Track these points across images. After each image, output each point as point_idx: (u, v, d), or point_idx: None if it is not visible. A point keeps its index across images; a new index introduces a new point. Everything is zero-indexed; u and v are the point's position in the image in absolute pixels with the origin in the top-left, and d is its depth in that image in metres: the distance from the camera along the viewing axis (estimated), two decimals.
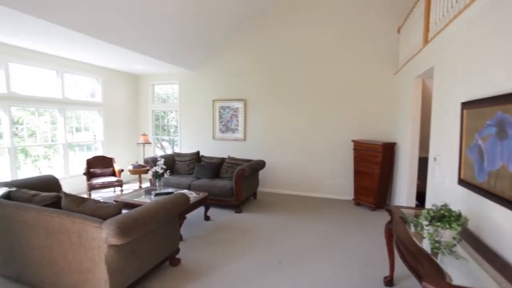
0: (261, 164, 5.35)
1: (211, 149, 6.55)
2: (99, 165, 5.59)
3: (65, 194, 2.38)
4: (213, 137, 6.63)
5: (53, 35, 4.07)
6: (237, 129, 6.44)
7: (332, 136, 5.68)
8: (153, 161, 5.24)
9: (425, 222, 1.82)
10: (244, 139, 6.35)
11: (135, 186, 6.25)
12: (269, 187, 6.21)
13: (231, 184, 4.69)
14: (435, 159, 2.91)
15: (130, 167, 5.94)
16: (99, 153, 6.36)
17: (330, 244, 3.57)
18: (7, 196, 2.61)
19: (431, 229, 1.77)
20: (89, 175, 5.30)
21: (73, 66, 5.68)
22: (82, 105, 6.03)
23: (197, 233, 3.83)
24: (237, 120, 6.42)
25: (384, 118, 5.32)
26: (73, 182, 5.62)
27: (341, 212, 4.83)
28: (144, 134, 6.31)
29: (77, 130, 6.16)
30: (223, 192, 4.68)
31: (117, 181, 5.28)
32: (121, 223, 1.97)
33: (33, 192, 2.65)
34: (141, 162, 6.26)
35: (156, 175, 4.08)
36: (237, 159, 5.37)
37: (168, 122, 7.76)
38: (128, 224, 2.02)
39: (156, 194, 3.90)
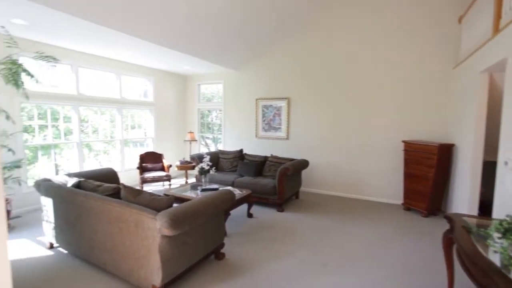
0: (304, 164, 5.27)
1: (254, 147, 6.63)
2: (150, 160, 5.99)
3: (124, 186, 2.60)
4: (256, 136, 6.70)
5: (116, 42, 4.47)
6: (279, 127, 6.42)
7: (379, 136, 5.37)
8: (199, 158, 5.47)
9: (497, 235, 1.62)
10: (287, 138, 6.31)
11: (182, 181, 6.58)
12: (312, 187, 6.09)
13: (274, 183, 4.69)
14: (506, 163, 2.59)
15: (178, 163, 6.28)
16: (150, 149, 6.83)
17: (378, 250, 3.38)
18: (78, 185, 2.93)
19: (505, 242, 1.58)
20: (142, 169, 5.71)
21: (130, 69, 6.17)
22: (136, 105, 6.52)
23: (241, 230, 3.90)
24: (280, 119, 6.40)
25: (439, 116, 4.88)
26: (127, 175, 6.11)
27: (389, 217, 4.55)
28: (190, 132, 6.61)
29: (132, 127, 6.68)
30: (266, 190, 4.71)
31: (166, 175, 5.61)
32: (173, 216, 2.09)
33: (97, 182, 2.94)
34: (188, 159, 6.58)
35: (202, 172, 4.24)
36: (280, 158, 5.35)
37: (212, 120, 8.04)
38: (179, 217, 2.13)
39: (202, 190, 4.06)
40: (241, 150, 5.99)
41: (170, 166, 5.87)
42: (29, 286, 2.52)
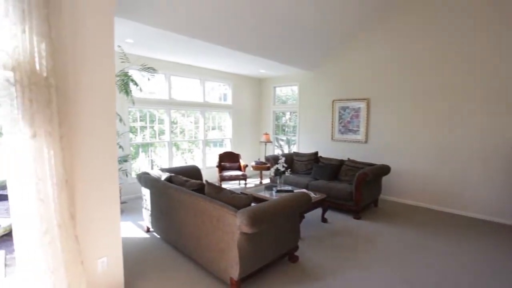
0: (385, 170, 4.85)
1: (329, 150, 6.42)
2: (228, 160, 6.40)
3: (208, 182, 2.84)
4: (332, 138, 6.47)
5: (201, 51, 4.94)
6: (357, 130, 6.06)
7: (482, 141, 4.54)
8: (274, 159, 5.58)
9: None
10: (366, 141, 5.92)
11: (257, 181, 6.82)
12: (393, 195, 5.56)
13: (351, 188, 4.46)
14: None
15: (253, 163, 6.53)
16: (228, 149, 7.29)
17: (481, 282, 2.86)
18: (169, 179, 3.34)
19: None
20: (220, 167, 6.14)
21: (211, 75, 6.71)
22: (217, 107, 7.05)
23: (314, 234, 3.83)
24: (358, 121, 6.04)
25: None
26: (208, 172, 6.66)
27: (496, 239, 3.81)
28: (266, 133, 6.81)
29: (212, 128, 7.25)
30: (342, 195, 4.51)
31: (242, 175, 5.90)
32: (253, 214, 2.19)
33: (185, 178, 3.29)
34: (263, 159, 6.78)
35: (277, 173, 4.32)
36: (358, 162, 5.05)
37: (286, 122, 8.11)
38: (258, 216, 2.22)
39: (278, 191, 4.13)
40: (316, 153, 5.88)
41: (246, 166, 6.16)
42: (130, 259, 2.99)
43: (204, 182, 2.99)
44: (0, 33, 1.63)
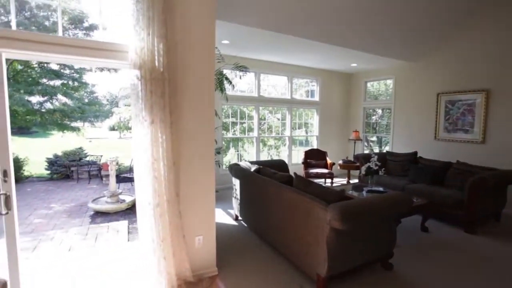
0: (511, 177, 3.90)
1: (431, 151, 5.57)
2: (314, 157, 6.26)
3: (296, 175, 2.82)
4: (435, 137, 5.60)
5: (291, 48, 4.97)
6: (470, 128, 5.07)
7: None
8: (365, 158, 5.18)
9: None
10: (482, 141, 4.89)
11: (343, 180, 6.47)
12: None
13: (461, 195, 3.75)
14: None
15: (340, 162, 6.22)
16: (314, 146, 7.14)
17: None
18: (258, 171, 3.47)
19: None
20: (306, 164, 6.06)
21: (299, 71, 6.67)
22: (304, 104, 6.98)
23: (412, 243, 3.37)
24: (472, 117, 5.04)
25: None
26: (293, 168, 6.64)
27: None
28: (355, 131, 6.38)
29: (299, 126, 7.22)
30: (448, 203, 3.84)
31: (328, 173, 5.69)
32: (345, 209, 2.06)
33: (273, 170, 3.36)
34: (351, 158, 6.38)
35: (369, 172, 3.98)
36: (471, 166, 4.21)
37: (377, 120, 7.43)
38: (350, 212, 2.08)
39: (368, 191, 3.81)
40: (414, 153, 5.19)
41: (333, 164, 5.90)
42: (220, 243, 3.22)
43: (292, 174, 2.98)
44: (132, 37, 1.98)
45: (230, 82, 4.84)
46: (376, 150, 8.42)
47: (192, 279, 2.35)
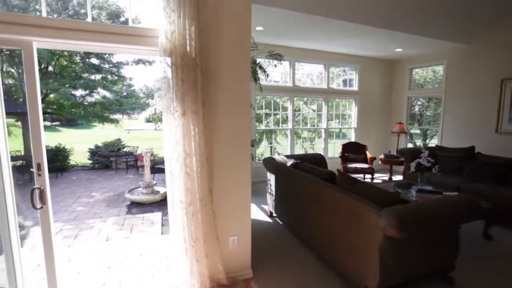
0: None
1: (491, 146, 4.90)
2: (352, 151, 5.84)
3: (340, 172, 2.53)
4: (497, 130, 4.90)
5: (331, 32, 4.57)
6: None
7: None
8: (411, 153, 4.69)
9: None
10: None
11: (384, 176, 5.99)
12: None
13: None
14: None
15: (382, 156, 5.74)
16: (351, 139, 6.68)
17: None
18: (295, 166, 3.21)
19: None
20: (344, 159, 5.67)
21: (336, 59, 6.21)
22: (341, 94, 6.52)
23: (474, 253, 2.94)
24: None
25: None
26: (330, 163, 6.26)
27: None
28: (400, 123, 5.81)
29: (336, 117, 6.80)
30: None
31: (368, 168, 5.26)
32: (404, 215, 1.75)
33: (310, 165, 3.09)
34: (394, 152, 5.86)
35: (419, 168, 3.55)
36: None
37: (422, 110, 6.75)
38: (410, 218, 1.77)
39: (419, 191, 3.39)
40: (471, 148, 4.59)
41: (374, 158, 5.45)
42: (254, 242, 3.04)
43: (335, 171, 2.69)
44: (162, 20, 1.80)
45: (264, 71, 4.59)
46: (419, 143, 7.72)
47: (225, 281, 2.20)
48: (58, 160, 8.31)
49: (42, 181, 1.80)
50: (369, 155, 5.63)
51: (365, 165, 5.38)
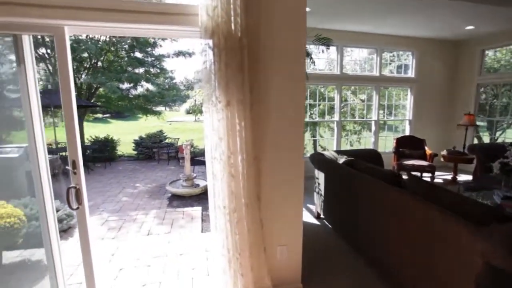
0: None
1: None
2: (407, 146, 5.18)
3: (410, 174, 2.09)
4: None
5: (386, 10, 3.98)
6: None
7: None
8: (485, 150, 3.97)
9: None
10: None
11: (446, 175, 5.25)
12: None
13: None
14: None
15: (444, 152, 5.01)
16: (405, 133, 5.98)
17: None
18: (350, 163, 2.81)
19: None
20: (398, 154, 5.06)
21: (390, 42, 5.51)
22: (395, 82, 5.83)
23: None
24: None
25: None
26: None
27: None
28: (469, 114, 4.97)
29: (388, 107, 6.12)
30: None
31: (429, 166, 4.60)
32: None
33: (369, 164, 2.66)
34: (460, 148, 5.08)
35: (505, 170, 2.91)
36: None
37: (493, 100, 5.76)
38: None
39: (504, 197, 2.78)
40: None
41: (435, 155, 4.75)
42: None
43: (399, 173, 2.25)
44: None
45: (311, 58, 4.17)
46: (487, 138, 6.69)
47: None
48: (107, 151, 8.74)
49: (78, 179, 1.66)
50: (428, 151, 4.94)
51: (424, 162, 4.72)
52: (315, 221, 3.41)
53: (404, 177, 2.20)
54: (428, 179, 4.87)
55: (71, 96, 1.58)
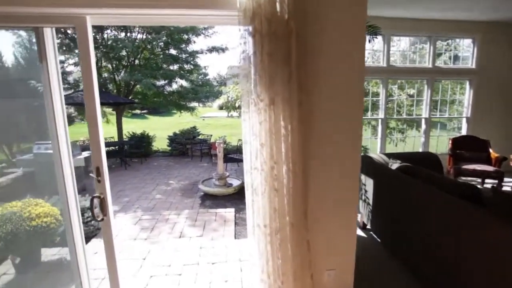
0: None
1: None
2: (466, 147, 4.54)
3: (495, 189, 1.66)
4: None
5: None
6: None
7: None
8: None
9: None
10: None
11: None
12: None
13: None
14: None
15: None
16: (462, 132, 5.28)
17: None
18: (405, 170, 2.40)
19: None
20: (454, 157, 4.44)
21: (444, 28, 4.84)
22: (451, 74, 5.14)
23: None
24: None
25: None
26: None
27: None
28: None
29: (441, 103, 5.45)
30: None
31: (495, 171, 3.95)
32: None
33: (430, 172, 2.23)
34: None
35: None
36: None
37: None
38: None
39: None
40: None
41: (504, 159, 4.08)
42: None
43: (482, 187, 1.82)
44: None
45: None
46: None
47: None
48: (143, 147, 8.94)
49: (102, 188, 1.49)
50: (494, 154, 4.27)
51: (488, 167, 4.08)
52: (360, 233, 3.03)
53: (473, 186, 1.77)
54: (489, 186, 4.21)
55: (94, 93, 1.40)
